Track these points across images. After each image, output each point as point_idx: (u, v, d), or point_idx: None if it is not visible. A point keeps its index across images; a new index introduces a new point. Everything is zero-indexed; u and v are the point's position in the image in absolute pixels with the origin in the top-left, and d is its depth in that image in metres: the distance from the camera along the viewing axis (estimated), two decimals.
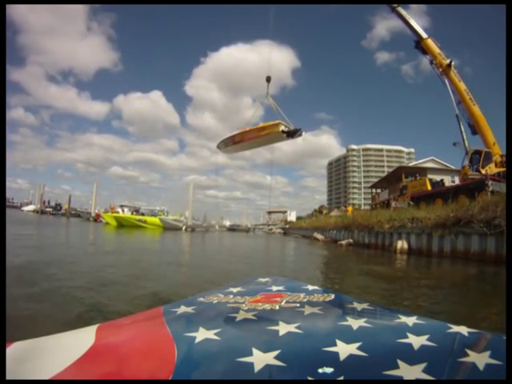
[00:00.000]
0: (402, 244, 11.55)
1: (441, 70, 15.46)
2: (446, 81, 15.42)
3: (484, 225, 8.81)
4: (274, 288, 1.25)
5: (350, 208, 19.23)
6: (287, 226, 42.40)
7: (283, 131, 9.26)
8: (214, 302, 1.11)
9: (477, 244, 9.08)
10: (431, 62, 16.12)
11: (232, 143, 10.58)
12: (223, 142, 10.95)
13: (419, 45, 16.11)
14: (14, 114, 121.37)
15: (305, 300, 1.07)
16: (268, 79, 10.53)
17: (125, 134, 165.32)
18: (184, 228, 29.45)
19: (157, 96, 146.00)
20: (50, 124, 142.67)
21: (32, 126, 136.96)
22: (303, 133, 9.53)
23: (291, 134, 9.37)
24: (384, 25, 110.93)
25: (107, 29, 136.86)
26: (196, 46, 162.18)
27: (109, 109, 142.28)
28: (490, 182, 12.06)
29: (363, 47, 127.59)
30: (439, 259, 9.63)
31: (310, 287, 1.24)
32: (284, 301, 1.07)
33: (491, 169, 14.13)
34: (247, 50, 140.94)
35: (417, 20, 16.71)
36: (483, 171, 13.99)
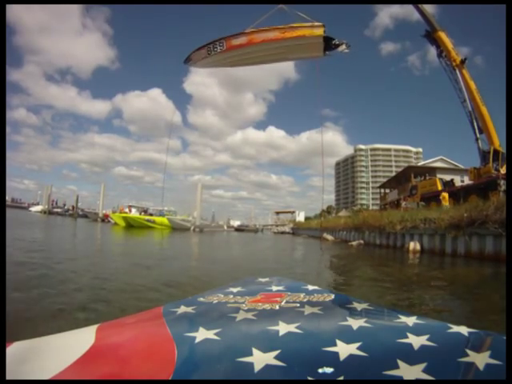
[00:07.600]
0: (414, 245, 11.34)
1: (454, 64, 15.06)
2: (459, 76, 15.00)
3: (499, 226, 8.59)
4: (274, 288, 1.25)
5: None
6: (296, 227, 42.49)
7: (325, 38, 6.96)
8: (214, 302, 1.11)
9: (491, 245, 8.87)
10: (439, 56, 15.68)
11: (227, 48, 7.42)
12: (206, 47, 7.62)
13: (430, 35, 15.57)
14: (16, 114, 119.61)
15: (305, 300, 1.06)
16: None
17: (126, 133, 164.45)
18: (192, 228, 29.59)
19: (157, 94, 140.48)
20: (52, 124, 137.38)
21: (34, 126, 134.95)
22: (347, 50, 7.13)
23: (334, 45, 7.09)
24: (387, 12, 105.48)
25: (102, 24, 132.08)
26: (191, 42, 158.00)
27: (111, 107, 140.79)
28: (502, 182, 11.82)
29: (366, 37, 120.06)
30: (453, 260, 9.42)
31: (310, 287, 1.23)
32: (284, 301, 1.06)
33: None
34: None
35: (427, 6, 15.89)
36: (502, 170, 13.69)
